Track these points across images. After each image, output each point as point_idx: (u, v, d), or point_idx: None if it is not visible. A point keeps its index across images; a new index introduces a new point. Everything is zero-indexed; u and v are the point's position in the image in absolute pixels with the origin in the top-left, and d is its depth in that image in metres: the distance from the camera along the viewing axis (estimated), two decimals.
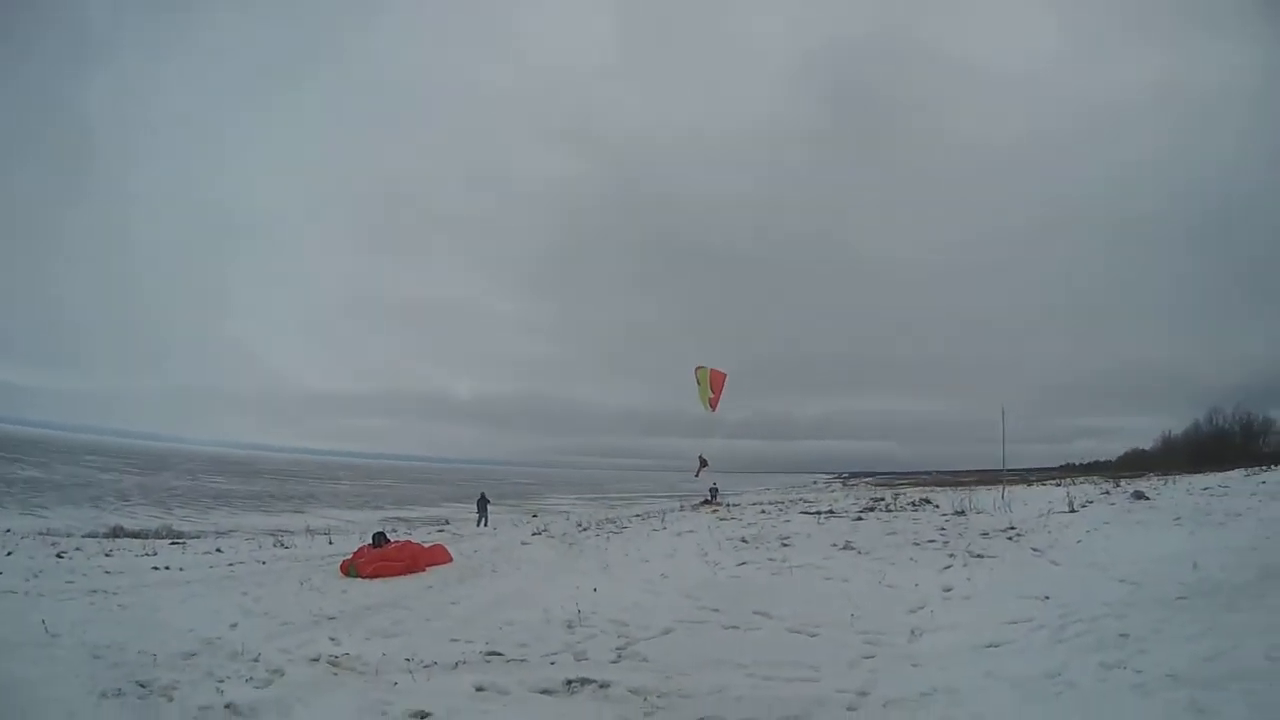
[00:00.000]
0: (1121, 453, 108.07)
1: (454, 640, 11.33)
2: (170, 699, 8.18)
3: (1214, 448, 68.53)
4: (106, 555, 20.60)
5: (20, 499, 52.92)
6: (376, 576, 17.55)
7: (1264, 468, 38.12)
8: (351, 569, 18.02)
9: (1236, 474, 34.37)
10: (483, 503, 45.08)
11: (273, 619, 12.73)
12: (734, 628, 11.89)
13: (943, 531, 20.28)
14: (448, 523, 44.99)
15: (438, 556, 20.25)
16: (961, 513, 24.13)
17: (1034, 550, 17.31)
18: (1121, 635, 9.71)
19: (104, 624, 11.45)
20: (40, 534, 27.81)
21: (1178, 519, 19.65)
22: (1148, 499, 25.42)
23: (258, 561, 20.73)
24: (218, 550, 23.83)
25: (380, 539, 20.06)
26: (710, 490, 53.42)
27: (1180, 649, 8.68)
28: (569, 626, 12.09)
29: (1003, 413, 33.52)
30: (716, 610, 13.03)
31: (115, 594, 14.22)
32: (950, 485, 64.79)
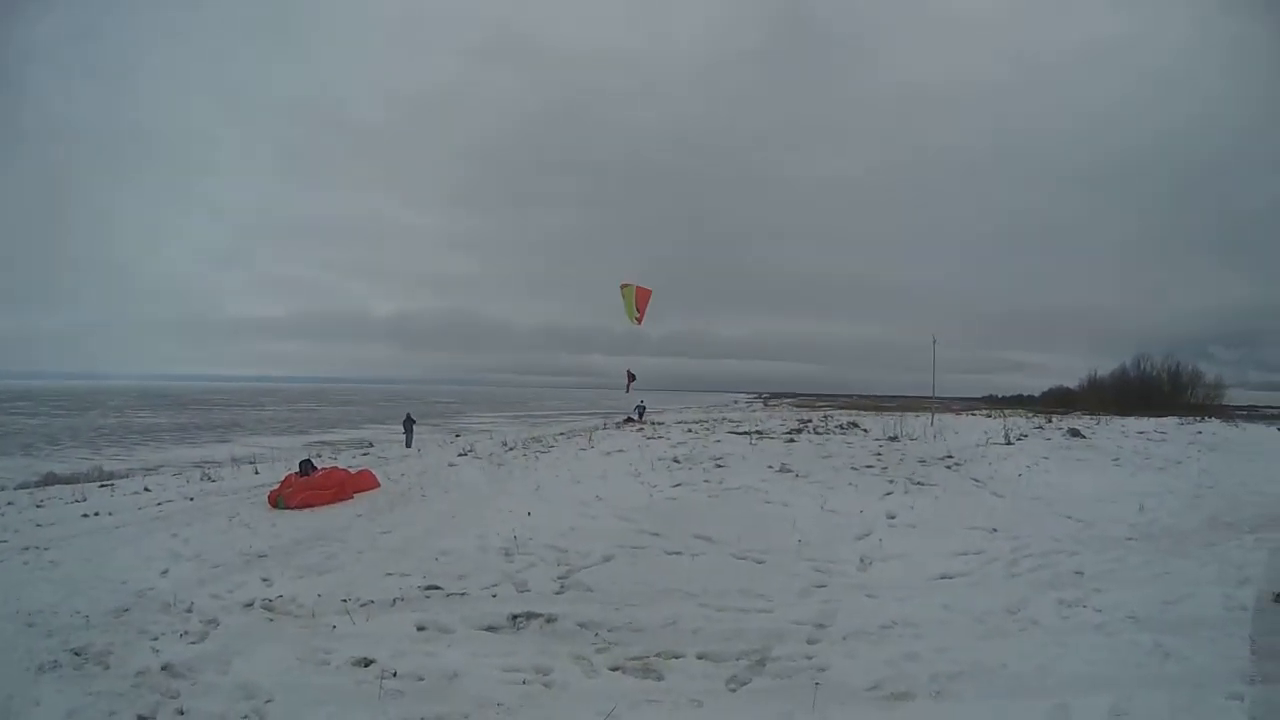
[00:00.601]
0: (1045, 389, 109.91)
1: (389, 574, 10.94)
2: (106, 666, 7.73)
3: (1141, 392, 69.61)
4: (38, 507, 20.13)
5: None
6: (305, 506, 17.29)
7: (1198, 418, 39.26)
8: (279, 500, 17.66)
9: (1170, 421, 34.95)
10: (409, 424, 44.92)
11: (204, 562, 12.40)
12: (676, 553, 11.62)
13: (879, 457, 20.30)
14: (372, 445, 45.68)
15: (365, 482, 19.91)
16: (895, 438, 24.42)
17: (974, 481, 17.40)
18: (1076, 573, 9.83)
19: (37, 585, 11.07)
20: None
21: (1116, 460, 20.09)
22: (1084, 437, 25.87)
23: (186, 499, 20.31)
24: (146, 490, 23.31)
25: (306, 466, 19.85)
26: (637, 408, 54.57)
27: (1136, 591, 8.81)
28: (506, 555, 11.72)
29: (933, 340, 33.51)
30: (656, 534, 12.77)
31: (47, 549, 13.79)
32: (873, 410, 65.28)
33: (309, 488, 18.06)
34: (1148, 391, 70.55)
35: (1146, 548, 11.14)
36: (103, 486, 25.42)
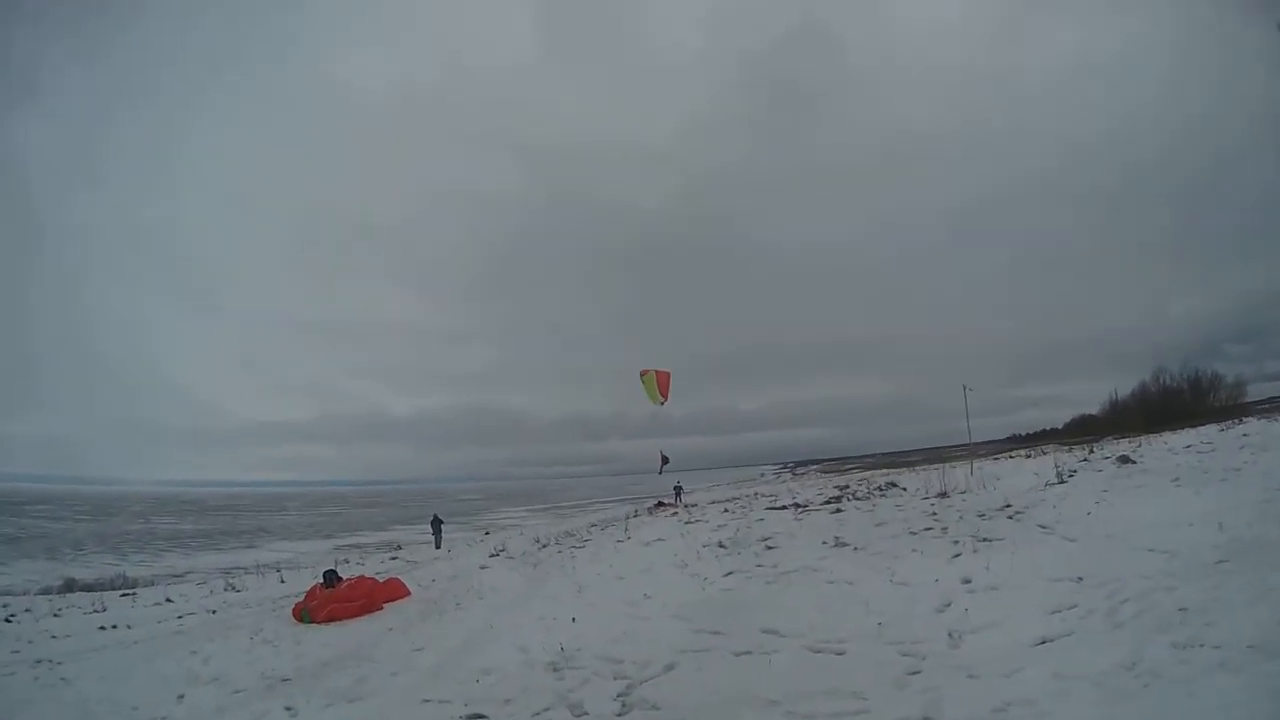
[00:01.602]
0: (1067, 419, 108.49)
1: (426, 701, 10.01)
2: None
3: (1164, 407, 68.57)
4: (55, 616, 20.06)
5: None
6: (331, 620, 16.57)
7: (1235, 420, 38.35)
8: (304, 613, 17.12)
9: (1209, 430, 34.19)
10: (437, 524, 44.27)
11: (223, 686, 11.66)
12: (746, 653, 10.54)
13: (934, 517, 18.92)
14: (399, 548, 45.01)
15: (395, 591, 19.04)
16: (945, 494, 23.01)
17: (1041, 528, 16.01)
18: (1180, 610, 9.01)
19: (44, 706, 10.79)
20: None
21: (1176, 480, 18.84)
22: (1134, 462, 24.52)
23: (208, 611, 20.14)
24: (168, 600, 23.56)
25: (331, 577, 19.04)
26: (675, 489, 53.45)
27: (1247, 616, 8.20)
28: (555, 669, 10.71)
29: (965, 389, 32.42)
30: (718, 633, 11.71)
31: (60, 664, 13.48)
32: (904, 466, 64.40)
33: (334, 600, 17.36)
34: (1171, 404, 69.42)
35: (1240, 567, 10.36)
36: (124, 595, 25.66)
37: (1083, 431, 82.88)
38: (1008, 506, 18.74)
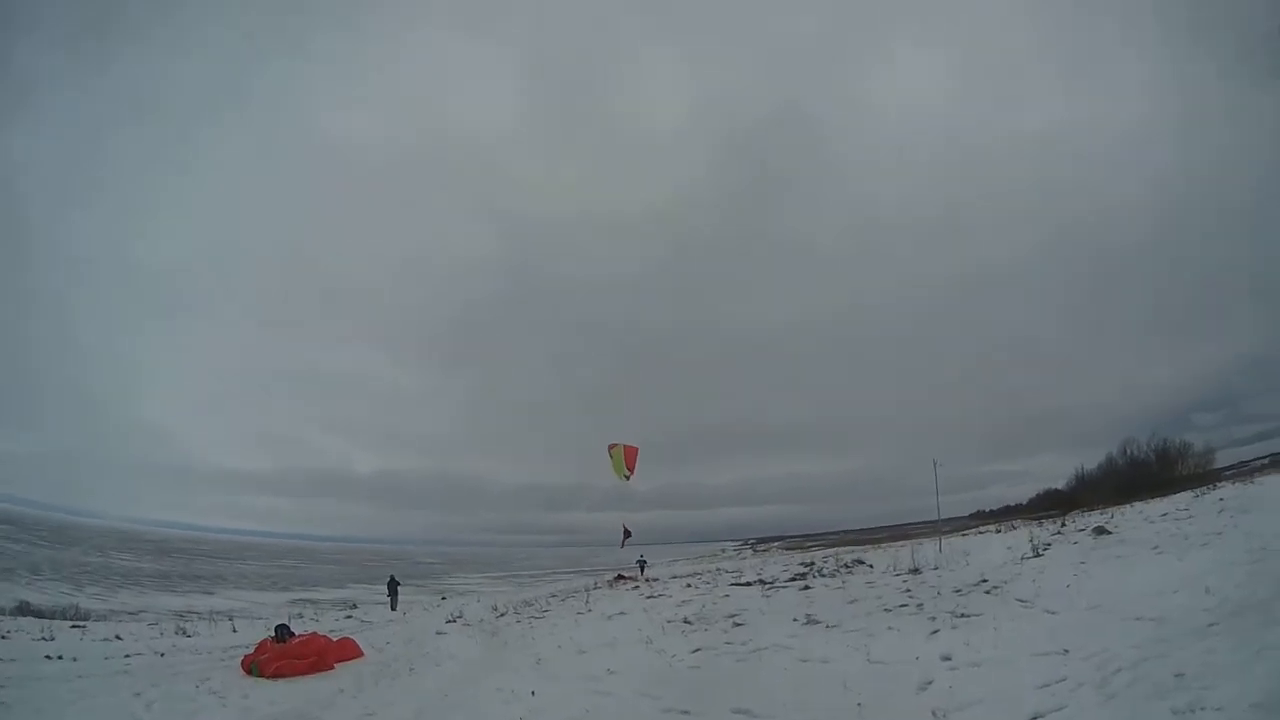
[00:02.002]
0: (1033, 495, 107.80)
1: None
2: None
3: (1132, 478, 68.20)
4: (3, 638, 19.65)
5: None
6: (280, 676, 15.82)
7: (1209, 487, 38.45)
8: (254, 666, 16.32)
9: (1183, 497, 33.87)
10: (393, 585, 43.12)
11: None
12: None
13: (909, 593, 18.24)
14: (355, 606, 44.22)
15: (347, 651, 18.36)
16: (916, 570, 22.41)
17: (1020, 601, 15.47)
18: (1176, 676, 8.79)
19: None
20: None
21: (1156, 548, 18.74)
22: (1110, 533, 24.62)
23: (156, 654, 19.44)
24: (117, 637, 22.60)
25: (283, 632, 18.18)
26: (638, 562, 53.51)
27: (1245, 676, 8.09)
28: None
29: (935, 465, 32.08)
30: (686, 713, 11.08)
31: (2, 687, 13.15)
32: (865, 543, 63.99)
33: (285, 656, 16.60)
34: (1139, 475, 69.06)
35: (1233, 628, 10.14)
36: (74, 627, 24.79)
37: (1049, 505, 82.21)
38: (984, 581, 18.16)
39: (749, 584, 27.16)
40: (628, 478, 31.14)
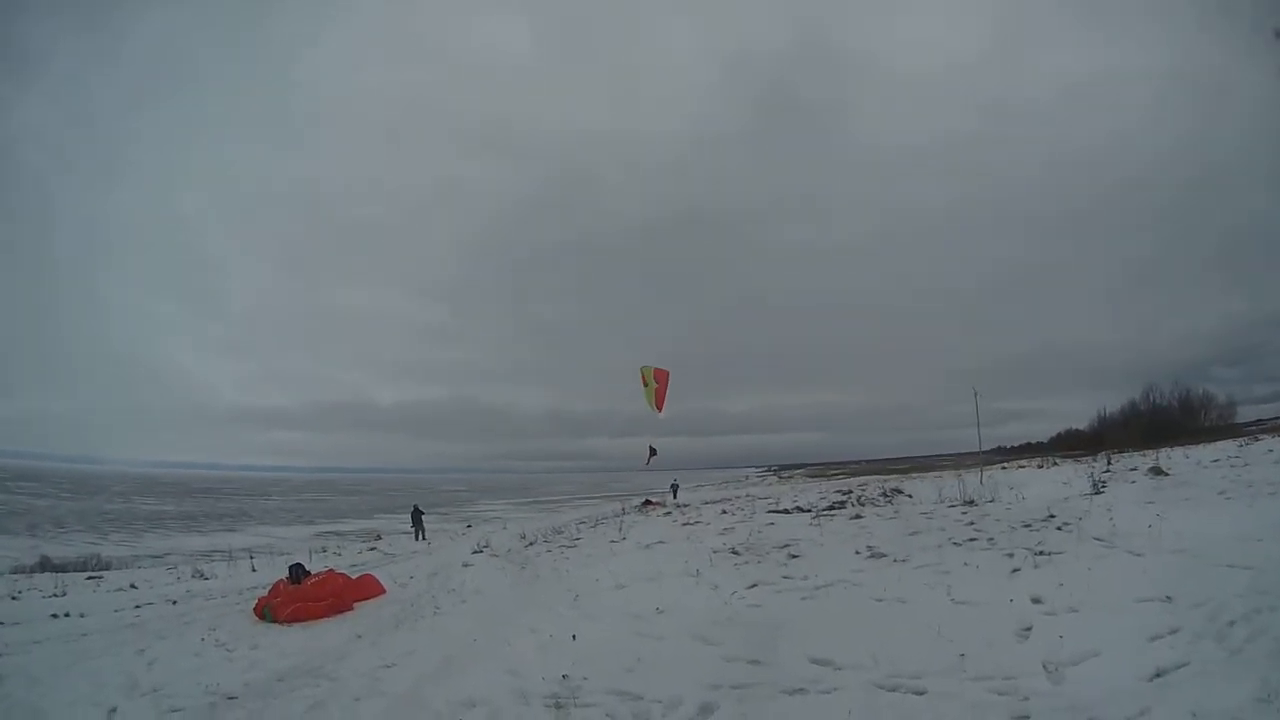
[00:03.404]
0: (1053, 434, 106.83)
1: None
2: None
3: (1155, 424, 67.04)
4: (13, 599, 19.06)
5: None
6: (295, 621, 14.63)
7: (1249, 438, 38.19)
8: (266, 611, 15.18)
9: (1226, 445, 33.93)
10: (417, 515, 42.36)
11: (159, 700, 9.78)
12: (800, 691, 8.38)
13: (974, 526, 16.70)
14: (379, 537, 43.34)
15: (367, 589, 17.21)
16: (971, 502, 21.17)
17: (1099, 541, 13.81)
18: None
19: None
20: None
21: (1223, 493, 17.65)
22: (1168, 475, 23.46)
23: (168, 601, 18.58)
24: (131, 586, 22.02)
25: (298, 572, 16.73)
26: (671, 486, 55.68)
27: None
28: (558, 706, 8.34)
29: (975, 394, 30.85)
30: (756, 662, 9.42)
31: (1, 655, 12.32)
32: (887, 473, 63.32)
33: (300, 598, 15.36)
34: (1162, 422, 67.87)
35: None
36: (90, 579, 24.35)
37: (1070, 446, 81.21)
38: (1052, 517, 16.59)
39: (787, 512, 25.96)
40: (658, 404, 29.83)
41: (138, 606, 17.57)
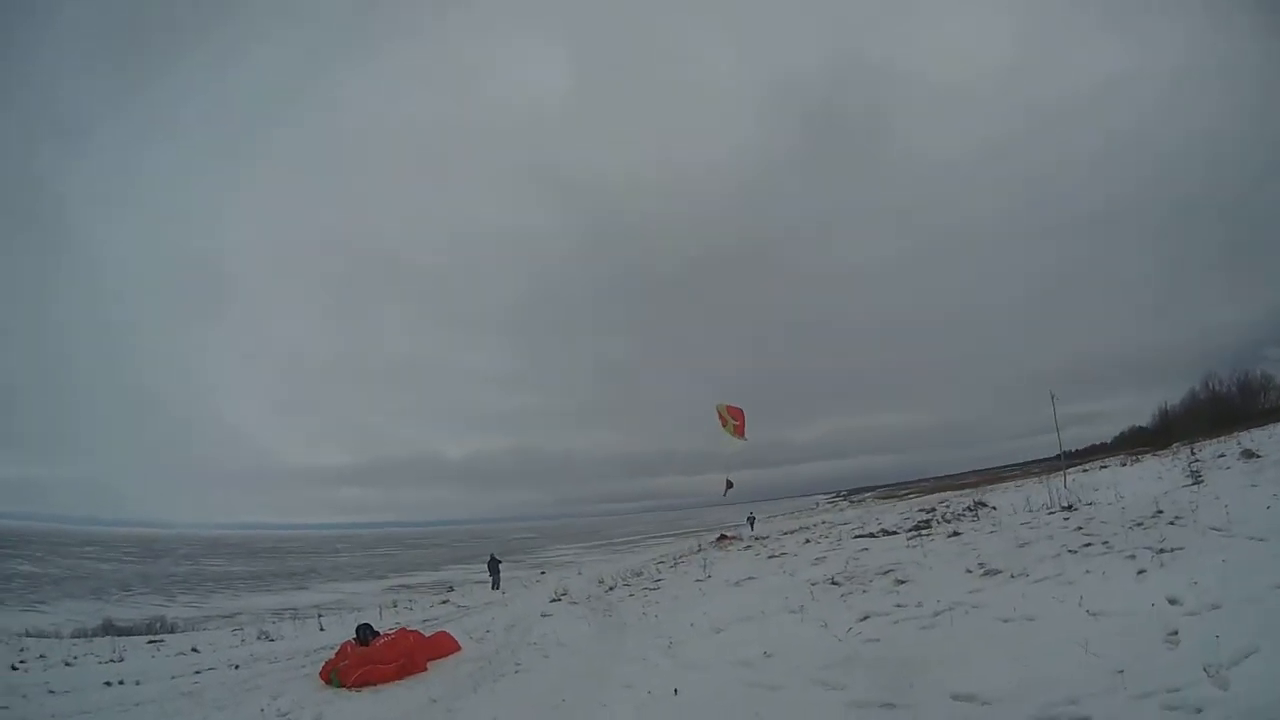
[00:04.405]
0: (1116, 434, 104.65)
1: None
2: None
3: (1218, 411, 65.31)
4: (67, 665, 18.18)
5: (20, 595, 52.34)
6: (364, 685, 13.70)
7: None
8: (334, 675, 14.24)
9: None
10: (494, 564, 42.07)
11: None
12: None
13: (1082, 531, 15.52)
14: (451, 589, 43.60)
15: (441, 647, 16.20)
16: (1071, 506, 19.90)
17: (1215, 530, 12.94)
18: None
19: None
20: (20, 634, 25.05)
21: None
22: (1260, 456, 22.60)
23: (230, 666, 17.76)
24: (194, 650, 21.19)
25: (365, 633, 15.73)
26: (749, 519, 56.16)
27: None
28: None
29: (1053, 397, 29.70)
30: (890, 706, 8.59)
31: None
32: (956, 488, 62.30)
33: (369, 661, 14.45)
34: (1223, 408, 66.11)
35: None
36: (151, 642, 23.65)
37: (1136, 443, 79.24)
38: (1160, 513, 15.49)
39: (874, 535, 24.71)
40: (739, 433, 29.26)
41: (197, 672, 16.95)
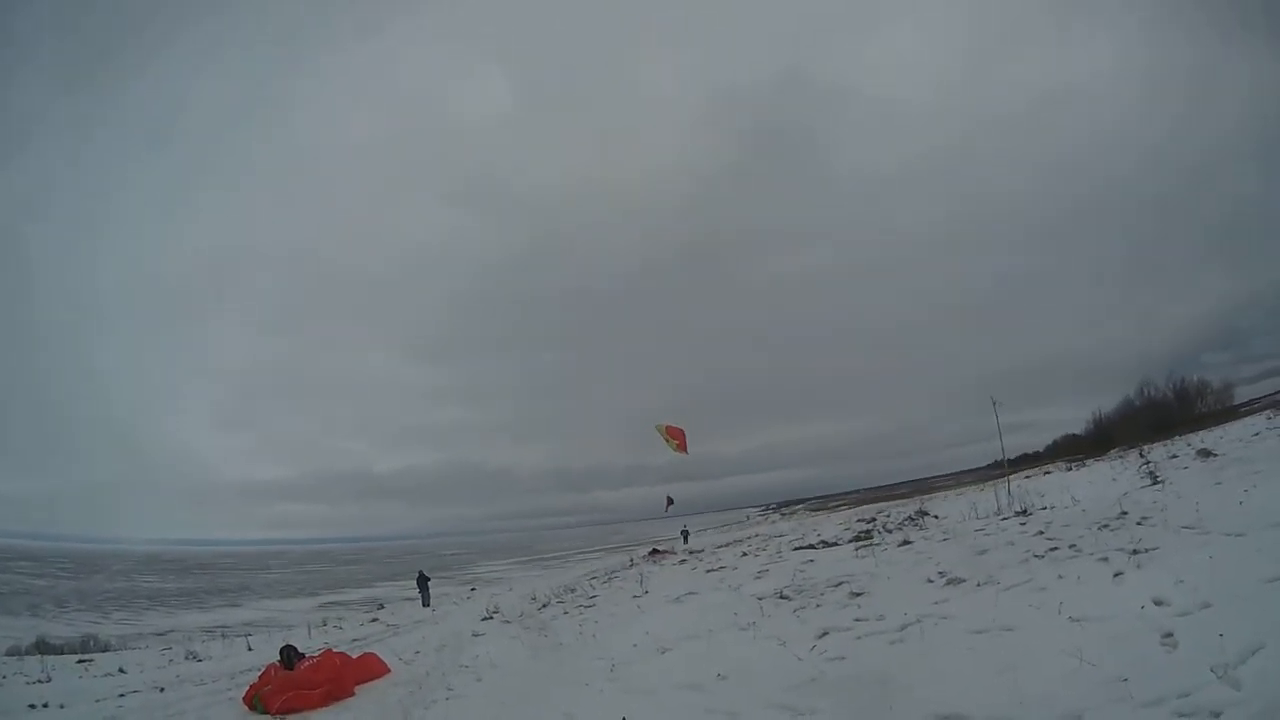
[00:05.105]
0: (1048, 442, 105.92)
1: None
2: None
3: (1154, 417, 66.24)
4: None
5: None
6: (288, 712, 12.92)
7: (1272, 412, 38.54)
8: (256, 700, 13.49)
9: (1251, 421, 34.20)
10: (423, 581, 41.65)
11: None
12: None
13: (1045, 536, 14.92)
14: (381, 606, 43.92)
15: (369, 669, 15.29)
16: (1026, 511, 19.70)
17: (1188, 529, 12.65)
18: None
19: None
20: None
21: None
22: (1217, 455, 22.82)
23: (155, 688, 17.17)
24: (120, 670, 20.86)
25: (290, 655, 14.92)
26: (682, 532, 56.52)
27: None
28: None
29: (994, 403, 29.32)
30: None
31: None
32: (889, 499, 62.80)
33: (293, 686, 13.65)
34: (1160, 414, 67.04)
35: None
36: (81, 661, 23.53)
37: (1071, 451, 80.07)
38: (1124, 514, 15.15)
39: (814, 546, 24.25)
40: (681, 449, 29.49)
41: (122, 695, 16.36)
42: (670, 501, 38.90)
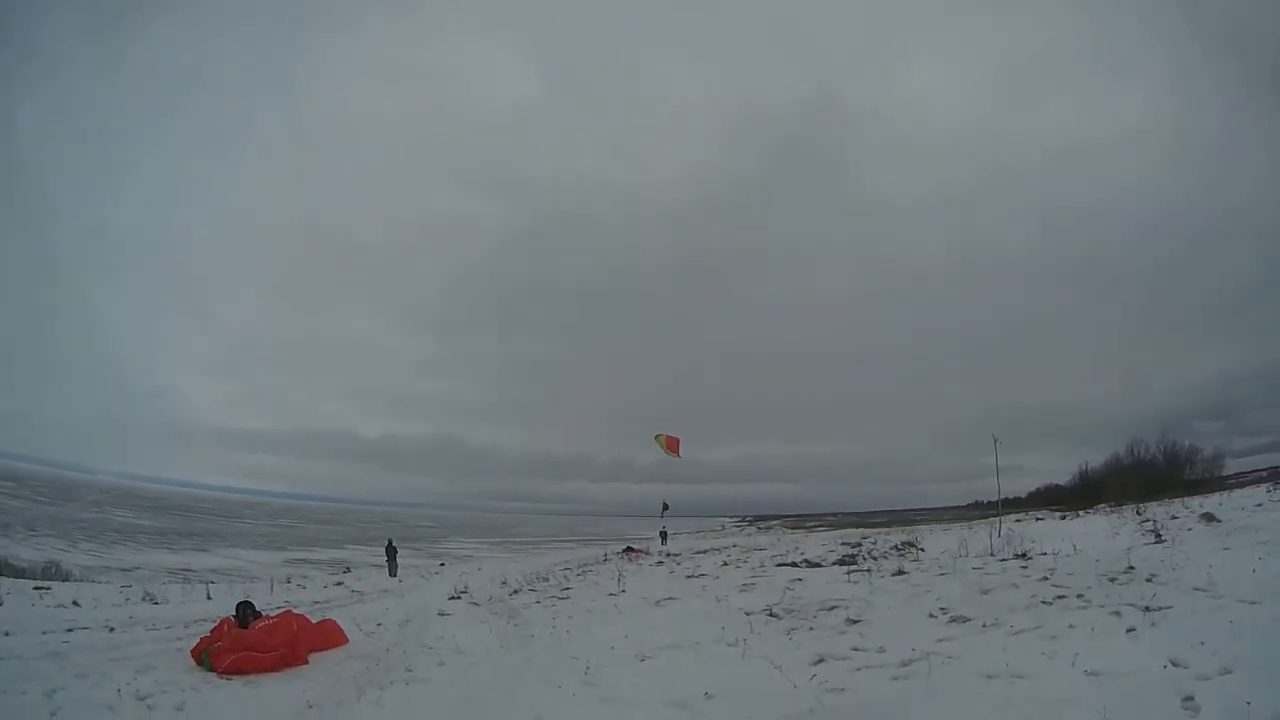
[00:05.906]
0: (1030, 490, 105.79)
1: None
2: None
3: (1140, 478, 65.86)
4: None
5: None
6: (236, 673, 12.32)
7: (1272, 484, 37.58)
8: (205, 656, 12.85)
9: (1249, 492, 33.28)
10: (392, 550, 41.29)
11: None
12: None
13: (1050, 583, 14.45)
14: (348, 570, 43.11)
15: (327, 637, 14.78)
16: (1025, 555, 19.21)
17: (1199, 591, 12.21)
18: None
19: None
20: None
21: None
22: (1220, 520, 22.46)
23: (106, 627, 16.65)
24: (74, 603, 20.52)
25: (246, 612, 14.44)
26: (661, 533, 56.88)
27: None
28: None
29: (995, 440, 28.99)
30: None
31: None
32: (866, 526, 62.51)
33: (245, 645, 13.05)
34: (1147, 476, 66.67)
35: None
36: (37, 588, 23.23)
37: (1053, 501, 79.97)
38: (1132, 569, 14.69)
39: (796, 565, 23.86)
40: (676, 455, 32.80)
41: (70, 630, 15.83)
42: (665, 506, 38.92)
